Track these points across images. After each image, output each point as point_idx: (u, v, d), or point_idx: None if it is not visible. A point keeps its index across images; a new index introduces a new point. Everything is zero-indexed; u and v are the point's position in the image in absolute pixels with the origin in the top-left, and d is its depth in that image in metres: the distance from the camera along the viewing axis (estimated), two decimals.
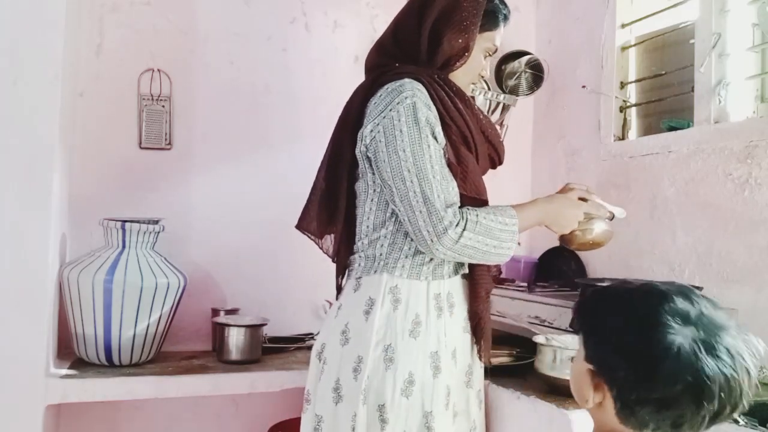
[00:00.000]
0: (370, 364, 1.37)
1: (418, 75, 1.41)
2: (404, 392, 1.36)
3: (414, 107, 1.35)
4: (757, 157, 1.77)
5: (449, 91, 1.44)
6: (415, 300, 1.41)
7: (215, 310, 2.15)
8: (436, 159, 1.36)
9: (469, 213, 1.36)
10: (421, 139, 1.35)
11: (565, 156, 2.52)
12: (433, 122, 1.37)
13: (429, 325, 1.41)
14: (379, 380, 1.36)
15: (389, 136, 1.36)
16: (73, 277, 1.79)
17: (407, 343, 1.38)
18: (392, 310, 1.40)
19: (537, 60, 2.55)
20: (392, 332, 1.38)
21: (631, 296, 0.96)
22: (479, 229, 1.35)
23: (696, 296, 0.93)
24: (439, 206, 1.33)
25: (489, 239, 1.36)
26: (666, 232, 2.03)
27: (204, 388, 1.87)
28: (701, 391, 0.86)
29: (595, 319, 0.98)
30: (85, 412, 2.07)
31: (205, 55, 2.25)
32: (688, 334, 0.88)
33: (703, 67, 1.94)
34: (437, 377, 1.39)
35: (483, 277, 1.48)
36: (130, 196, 2.14)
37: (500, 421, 1.56)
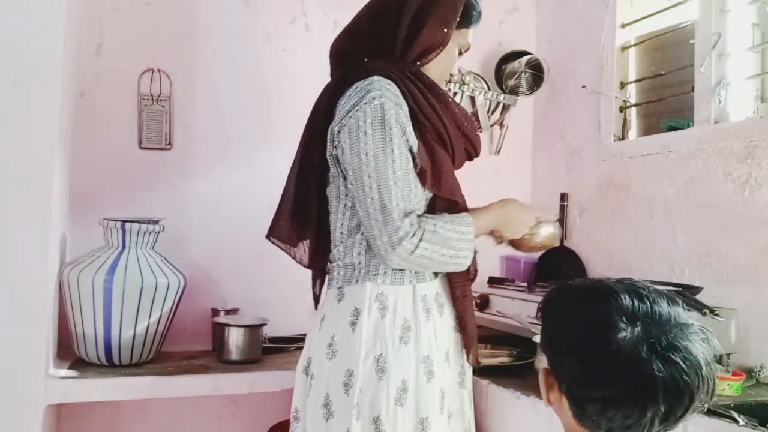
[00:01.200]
0: (362, 377, 1.33)
1: (387, 71, 1.36)
2: (398, 401, 1.33)
3: (382, 108, 1.31)
4: (757, 157, 1.77)
5: (421, 86, 1.39)
6: (403, 305, 1.38)
7: (215, 310, 2.14)
8: (400, 164, 1.32)
9: (426, 223, 1.33)
10: (386, 143, 1.30)
11: (565, 156, 2.52)
12: (403, 122, 1.33)
13: (419, 329, 1.38)
14: (373, 392, 1.33)
15: (353, 137, 1.32)
16: (73, 277, 1.79)
17: (398, 350, 1.35)
18: (380, 318, 1.36)
19: (537, 60, 2.55)
20: (382, 341, 1.35)
21: (580, 294, 0.95)
22: (436, 239, 1.33)
23: (651, 294, 0.90)
24: (396, 215, 1.30)
25: (446, 249, 1.35)
26: (666, 232, 2.03)
27: (204, 388, 1.87)
28: (644, 391, 0.83)
29: (548, 317, 0.98)
30: (85, 412, 2.07)
31: (205, 55, 2.25)
32: (633, 333, 0.85)
33: (703, 67, 1.94)
34: (431, 382, 1.36)
35: (457, 277, 1.45)
36: (130, 196, 2.14)
37: (500, 421, 1.57)
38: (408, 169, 1.34)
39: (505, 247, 1.62)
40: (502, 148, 2.63)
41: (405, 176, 1.33)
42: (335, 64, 1.51)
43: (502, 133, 2.62)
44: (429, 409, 1.35)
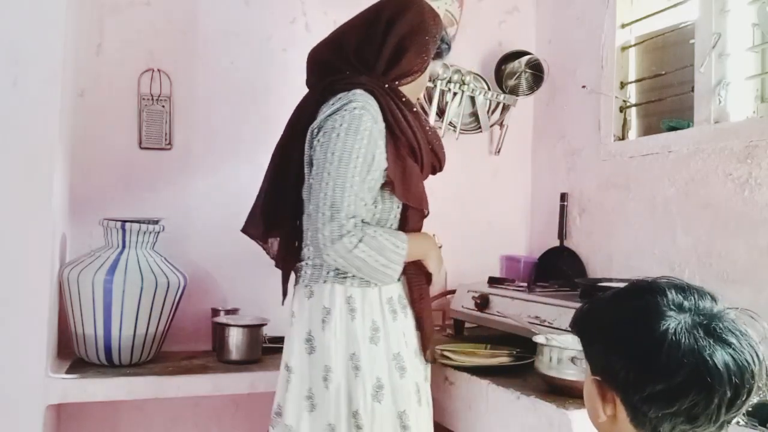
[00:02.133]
0: (339, 372, 1.42)
1: (370, 87, 1.45)
2: (375, 397, 1.42)
3: (360, 118, 1.39)
4: (757, 157, 1.77)
5: (399, 103, 1.49)
6: (370, 307, 1.45)
7: (215, 310, 2.14)
8: (360, 172, 1.38)
9: (368, 228, 1.40)
10: (353, 149, 1.37)
11: (565, 156, 2.52)
12: (376, 136, 1.41)
13: (387, 329, 1.46)
14: (351, 387, 1.42)
15: (326, 137, 1.40)
16: (73, 277, 1.79)
17: (369, 349, 1.43)
18: (350, 320, 1.44)
19: (537, 60, 2.55)
20: (354, 341, 1.43)
21: (623, 294, 0.94)
22: (374, 244, 1.39)
23: (688, 287, 0.90)
24: (343, 215, 1.36)
25: (380, 257, 1.40)
26: (666, 232, 2.03)
27: (204, 388, 1.87)
28: (708, 374, 0.82)
29: (590, 326, 0.96)
30: (85, 412, 2.07)
31: (205, 55, 2.25)
32: (686, 320, 0.85)
33: (703, 67, 1.94)
34: (404, 377, 1.45)
35: (414, 280, 1.53)
36: (130, 196, 2.14)
37: (500, 421, 1.56)
38: (365, 180, 1.41)
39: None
40: (502, 148, 2.63)
41: (361, 184, 1.39)
42: (314, 72, 1.59)
43: (502, 133, 2.62)
44: (406, 402, 1.44)
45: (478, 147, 2.63)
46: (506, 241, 2.64)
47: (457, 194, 2.56)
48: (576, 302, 1.75)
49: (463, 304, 2.13)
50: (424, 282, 1.55)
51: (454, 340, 2.11)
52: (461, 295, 2.17)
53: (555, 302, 1.80)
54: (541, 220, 2.63)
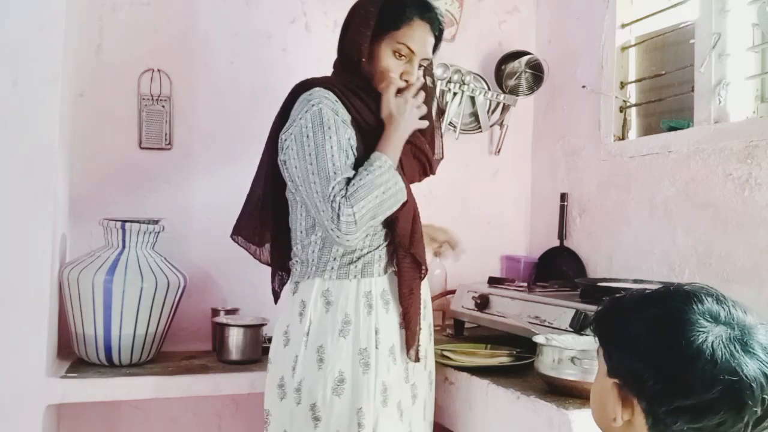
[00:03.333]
0: (303, 364, 1.45)
1: (328, 84, 1.48)
2: (335, 391, 1.43)
3: (320, 112, 1.42)
4: (757, 157, 1.77)
5: (364, 96, 1.49)
6: (345, 300, 1.46)
7: (215, 310, 2.14)
8: (339, 157, 1.40)
9: (345, 189, 1.39)
10: (325, 142, 1.40)
11: (565, 156, 2.52)
12: (341, 124, 1.43)
13: (358, 323, 1.46)
14: (313, 380, 1.43)
15: (299, 143, 1.43)
16: (73, 277, 1.79)
17: (336, 342, 1.44)
18: (324, 312, 1.46)
19: (537, 60, 2.55)
20: (323, 333, 1.45)
21: (655, 298, 0.89)
22: (360, 192, 1.38)
23: (723, 297, 0.87)
24: (326, 176, 1.38)
25: (375, 191, 1.40)
26: (666, 232, 2.03)
27: (204, 388, 1.87)
28: (742, 392, 0.79)
29: (615, 328, 0.91)
30: (85, 412, 2.07)
31: (205, 55, 2.25)
32: (721, 333, 0.82)
33: (703, 67, 1.94)
34: (367, 374, 1.44)
35: (406, 275, 1.50)
36: (130, 196, 2.14)
37: (500, 421, 1.56)
38: (348, 155, 1.43)
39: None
40: (502, 148, 2.63)
41: (343, 168, 1.40)
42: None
43: (502, 133, 2.62)
44: (364, 400, 1.43)
45: (478, 147, 2.63)
46: (506, 241, 2.64)
47: (457, 194, 2.56)
48: (576, 302, 1.76)
49: (463, 304, 2.13)
50: (415, 277, 1.52)
51: (454, 340, 2.11)
52: (461, 295, 2.17)
53: (555, 302, 1.80)
54: (541, 220, 2.63)
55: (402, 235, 1.49)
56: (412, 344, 1.51)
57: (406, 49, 1.50)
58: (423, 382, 1.59)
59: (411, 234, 1.50)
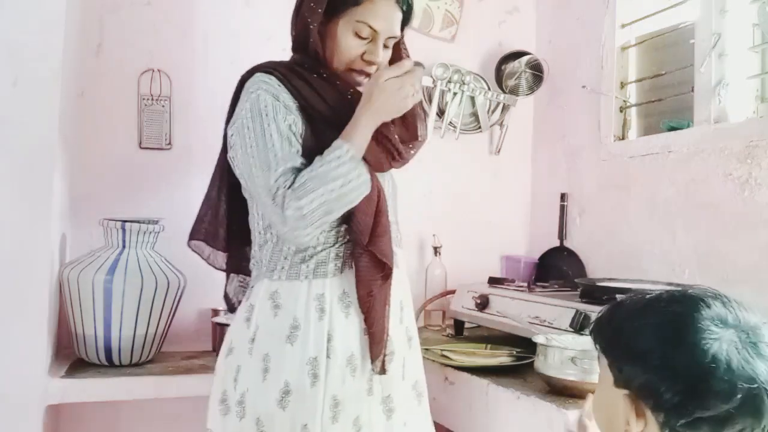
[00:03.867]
0: (247, 375, 1.31)
1: (270, 68, 1.37)
2: (280, 403, 1.28)
3: (257, 99, 1.31)
4: (757, 157, 1.77)
5: (309, 78, 1.36)
6: (294, 303, 1.31)
7: (215, 310, 2.14)
8: (280, 146, 1.28)
9: (291, 180, 1.26)
10: (264, 131, 1.29)
11: (565, 156, 2.52)
12: (280, 108, 1.31)
13: (308, 328, 1.30)
14: (257, 391, 1.30)
15: (241, 137, 1.33)
16: (73, 277, 1.79)
17: (283, 349, 1.29)
18: (272, 317, 1.32)
19: (537, 60, 2.55)
20: (269, 339, 1.31)
21: (660, 305, 0.86)
22: (310, 185, 1.24)
23: (727, 298, 0.85)
24: (273, 194, 1.26)
25: (330, 183, 1.25)
26: (666, 232, 2.03)
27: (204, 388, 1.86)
28: (760, 399, 0.77)
29: (621, 337, 0.87)
30: (85, 412, 2.07)
31: (205, 55, 2.25)
32: (732, 338, 0.80)
33: (703, 67, 1.94)
34: (315, 386, 1.28)
35: (363, 275, 1.32)
36: (130, 196, 2.14)
37: (500, 421, 1.56)
38: (291, 143, 1.30)
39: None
40: (502, 148, 2.63)
41: (287, 156, 1.29)
42: None
43: (502, 133, 2.62)
44: (309, 415, 1.27)
45: (478, 147, 2.63)
46: (506, 241, 2.64)
47: (457, 194, 2.56)
48: (576, 302, 1.76)
49: (463, 304, 2.13)
50: (373, 277, 1.33)
51: (454, 340, 2.11)
52: (461, 295, 2.17)
53: (555, 302, 1.80)
54: (541, 220, 2.63)
55: (359, 230, 1.31)
56: (376, 354, 1.32)
57: (367, 29, 1.35)
58: (402, 394, 1.40)
59: (373, 228, 1.33)
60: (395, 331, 1.39)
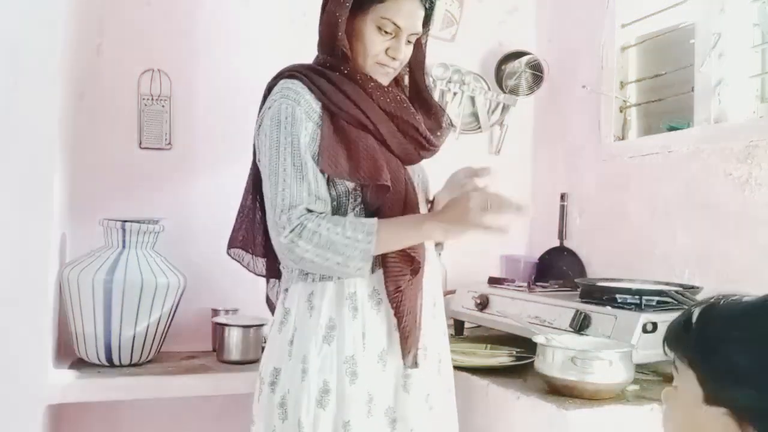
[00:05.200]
0: (287, 377, 1.33)
1: (294, 71, 1.39)
2: (320, 403, 1.30)
3: (279, 108, 1.33)
4: (757, 157, 1.77)
5: (331, 76, 1.37)
6: (329, 304, 1.33)
7: (215, 310, 2.14)
8: (292, 161, 1.30)
9: (310, 221, 1.27)
10: (279, 141, 1.32)
11: (565, 156, 2.52)
12: (300, 117, 1.32)
13: (343, 328, 1.32)
14: (298, 393, 1.31)
15: (262, 143, 1.36)
16: (73, 277, 1.79)
17: (321, 349, 1.32)
18: (308, 318, 1.34)
19: (537, 60, 2.55)
20: (306, 341, 1.33)
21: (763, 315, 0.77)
22: (317, 240, 1.26)
23: None
24: (278, 210, 1.29)
25: (330, 253, 1.27)
26: (666, 232, 2.03)
27: (204, 388, 1.87)
28: None
29: (722, 348, 0.77)
30: (85, 412, 2.07)
31: (205, 55, 2.25)
32: None
33: (703, 67, 1.94)
34: (354, 384, 1.31)
35: (390, 270, 1.33)
36: (130, 196, 2.14)
37: (500, 421, 1.56)
38: (303, 163, 1.31)
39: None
40: (502, 148, 2.63)
41: (297, 173, 1.30)
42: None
43: (502, 133, 2.62)
44: (352, 412, 1.30)
45: (478, 147, 2.63)
46: (506, 241, 2.64)
47: None
48: (576, 302, 1.76)
49: (463, 304, 2.13)
50: (402, 273, 1.34)
51: (454, 340, 2.11)
52: (461, 295, 2.17)
53: (555, 302, 1.80)
54: (541, 220, 2.63)
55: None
56: (407, 349, 1.34)
57: (391, 25, 1.36)
58: (440, 389, 1.44)
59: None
60: (429, 327, 1.41)
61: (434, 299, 1.46)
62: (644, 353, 1.51)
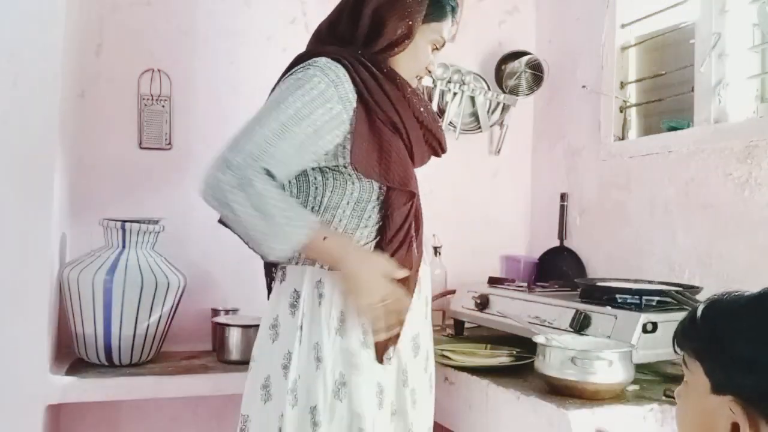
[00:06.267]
0: (299, 362, 1.32)
1: (339, 55, 1.33)
2: (337, 395, 1.31)
3: (311, 76, 1.28)
4: (757, 157, 1.77)
5: (376, 72, 1.35)
6: (339, 295, 1.33)
7: (215, 310, 2.14)
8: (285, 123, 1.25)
9: (260, 181, 1.22)
10: (287, 101, 1.27)
11: (565, 156, 2.52)
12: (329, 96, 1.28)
13: (352, 321, 1.33)
14: (310, 381, 1.31)
15: (269, 97, 1.35)
16: (73, 277, 1.79)
17: (333, 341, 1.32)
18: (317, 305, 1.33)
19: (537, 60, 2.55)
20: (318, 329, 1.32)
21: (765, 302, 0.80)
22: (257, 202, 1.21)
23: None
24: (239, 149, 1.23)
25: (259, 221, 1.23)
26: (666, 232, 2.03)
27: (204, 388, 1.87)
28: None
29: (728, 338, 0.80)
30: (85, 412, 2.07)
31: (205, 55, 2.25)
32: None
33: (703, 67, 1.94)
34: (362, 375, 1.32)
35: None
36: (130, 196, 2.14)
37: (500, 421, 1.56)
38: (291, 135, 1.26)
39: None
40: (502, 148, 2.63)
41: (283, 132, 1.25)
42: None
43: (502, 133, 2.62)
44: (364, 404, 1.32)
45: (478, 147, 2.63)
46: (506, 241, 2.64)
47: (457, 194, 2.56)
48: (576, 302, 1.75)
49: (463, 304, 2.13)
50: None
51: (454, 340, 2.11)
52: (461, 295, 2.17)
53: (555, 302, 1.80)
54: (541, 220, 2.63)
55: (386, 232, 1.35)
56: (381, 346, 1.36)
57: (442, 42, 1.45)
58: (424, 385, 1.48)
59: (396, 233, 1.36)
60: (422, 327, 1.45)
61: (426, 300, 1.49)
62: (644, 353, 1.51)
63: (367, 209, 1.37)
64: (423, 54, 1.43)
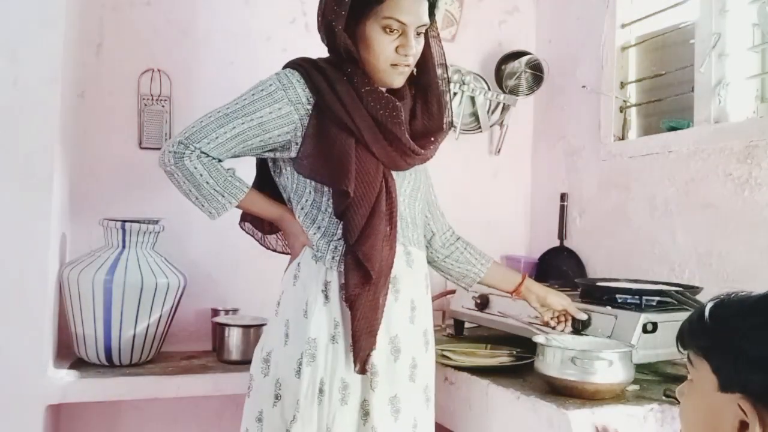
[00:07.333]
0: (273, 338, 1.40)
1: (297, 63, 1.43)
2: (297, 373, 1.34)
3: (263, 82, 1.42)
4: (757, 157, 1.77)
5: (330, 76, 1.37)
6: (310, 282, 1.38)
7: (215, 310, 2.15)
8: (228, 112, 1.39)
9: (190, 160, 1.38)
10: (240, 97, 1.42)
11: (565, 156, 2.52)
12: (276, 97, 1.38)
13: (316, 310, 1.37)
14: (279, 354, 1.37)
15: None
16: (73, 277, 1.79)
17: (300, 321, 1.36)
18: (291, 285, 1.42)
19: (537, 60, 2.55)
20: (290, 307, 1.40)
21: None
22: (188, 176, 1.40)
23: None
24: (184, 132, 1.38)
25: (194, 190, 1.42)
26: (666, 232, 2.03)
27: (204, 388, 1.87)
28: None
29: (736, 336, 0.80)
30: (85, 412, 2.07)
31: (205, 55, 2.25)
32: None
33: (703, 67, 1.94)
34: (311, 365, 1.33)
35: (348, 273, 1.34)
36: (130, 196, 2.14)
37: (500, 421, 1.56)
38: (235, 124, 1.39)
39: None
40: (502, 148, 2.63)
41: (224, 120, 1.39)
42: None
43: (502, 133, 2.62)
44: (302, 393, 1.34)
45: (478, 147, 2.63)
46: (506, 241, 2.64)
47: (457, 194, 2.56)
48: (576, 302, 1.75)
49: (463, 304, 2.13)
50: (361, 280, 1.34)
51: (454, 340, 2.11)
52: (461, 295, 2.16)
53: None
54: (541, 220, 2.63)
55: (347, 228, 1.34)
56: (356, 352, 1.33)
57: (396, 23, 1.33)
58: (413, 397, 1.41)
59: (363, 229, 1.33)
60: (404, 331, 1.41)
61: (413, 303, 1.44)
62: (644, 353, 1.52)
63: (323, 201, 1.40)
64: (378, 44, 1.36)
